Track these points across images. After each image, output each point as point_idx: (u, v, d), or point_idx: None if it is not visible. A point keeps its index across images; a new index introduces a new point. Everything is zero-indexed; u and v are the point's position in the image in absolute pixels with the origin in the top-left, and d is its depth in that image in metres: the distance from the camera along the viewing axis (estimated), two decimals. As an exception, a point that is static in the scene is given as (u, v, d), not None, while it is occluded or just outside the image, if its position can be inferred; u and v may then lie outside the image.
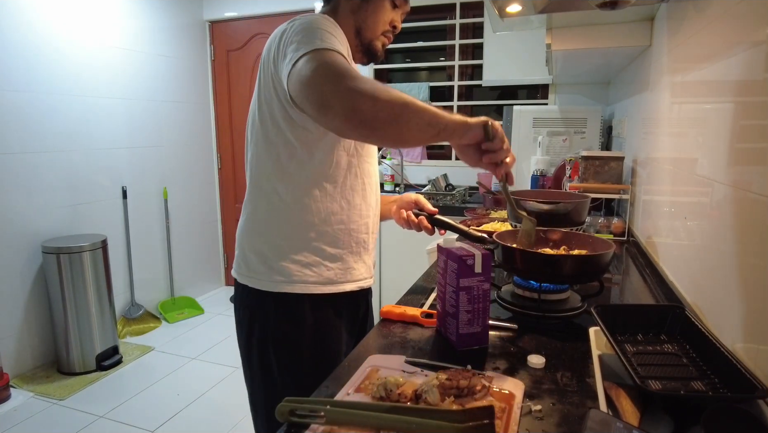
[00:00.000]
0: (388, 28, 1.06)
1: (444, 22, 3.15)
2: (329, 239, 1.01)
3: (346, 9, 1.03)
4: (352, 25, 1.03)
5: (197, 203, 3.71)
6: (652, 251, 1.39)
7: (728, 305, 0.78)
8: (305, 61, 0.81)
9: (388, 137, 0.87)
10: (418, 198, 1.20)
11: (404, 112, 0.77)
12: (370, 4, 1.02)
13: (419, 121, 0.79)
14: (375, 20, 1.03)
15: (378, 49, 1.07)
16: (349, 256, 1.04)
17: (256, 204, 1.02)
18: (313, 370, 0.97)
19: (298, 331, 1.00)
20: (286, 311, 1.00)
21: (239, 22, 3.61)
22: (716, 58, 0.89)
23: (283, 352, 1.00)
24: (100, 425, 2.14)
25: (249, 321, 1.03)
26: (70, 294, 2.52)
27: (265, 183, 1.00)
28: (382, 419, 0.59)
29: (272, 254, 1.00)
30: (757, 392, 0.56)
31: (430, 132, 0.80)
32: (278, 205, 0.99)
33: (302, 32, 0.87)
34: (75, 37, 2.72)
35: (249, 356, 1.05)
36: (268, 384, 1.03)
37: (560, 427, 0.62)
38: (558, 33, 1.66)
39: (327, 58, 0.81)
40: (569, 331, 0.92)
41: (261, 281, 1.00)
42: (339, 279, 1.02)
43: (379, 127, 0.78)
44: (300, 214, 0.99)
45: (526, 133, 2.56)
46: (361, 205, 1.04)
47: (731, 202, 0.78)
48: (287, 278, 0.99)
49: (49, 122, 2.61)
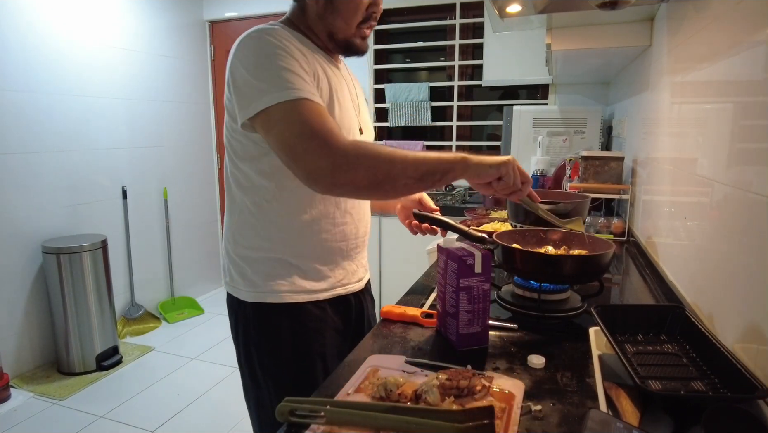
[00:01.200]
0: (366, 14, 0.96)
1: (444, 22, 3.15)
2: (298, 250, 0.99)
3: (313, 14, 0.96)
4: (323, 29, 0.97)
5: (197, 203, 3.71)
6: (652, 251, 1.39)
7: (728, 305, 0.78)
8: (278, 125, 0.81)
9: (375, 197, 0.95)
10: (422, 196, 1.19)
11: (388, 177, 0.80)
12: (335, 3, 0.94)
13: (407, 180, 0.82)
14: (344, 19, 0.95)
15: (357, 45, 0.99)
16: (321, 265, 1.01)
17: (230, 215, 1.02)
18: (294, 375, 0.99)
19: (276, 338, 0.99)
20: (264, 320, 1.00)
21: (239, 22, 3.61)
22: (716, 58, 0.89)
23: (264, 357, 1.01)
24: (100, 425, 2.14)
25: (235, 326, 1.05)
26: (70, 294, 2.52)
27: (236, 194, 1.00)
28: (382, 419, 0.59)
29: (246, 264, 1.00)
30: (757, 392, 0.56)
31: (423, 185, 0.83)
32: (248, 217, 0.98)
33: (259, 70, 0.84)
34: (75, 37, 2.72)
35: (239, 359, 1.07)
36: (255, 386, 1.04)
37: (560, 427, 0.62)
38: (558, 33, 1.66)
39: (302, 121, 0.80)
40: (569, 331, 0.92)
41: (240, 291, 1.01)
42: (312, 288, 1.00)
43: (364, 193, 0.84)
44: (268, 226, 0.97)
45: (526, 133, 2.56)
46: (335, 213, 1.01)
47: (731, 203, 0.78)
48: (260, 289, 0.98)
49: (49, 122, 2.61)
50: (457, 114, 3.20)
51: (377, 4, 0.97)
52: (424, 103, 3.18)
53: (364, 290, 1.14)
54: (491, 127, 3.23)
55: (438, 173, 0.83)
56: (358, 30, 0.97)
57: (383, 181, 0.80)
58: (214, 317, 3.38)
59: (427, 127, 3.28)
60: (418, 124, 3.23)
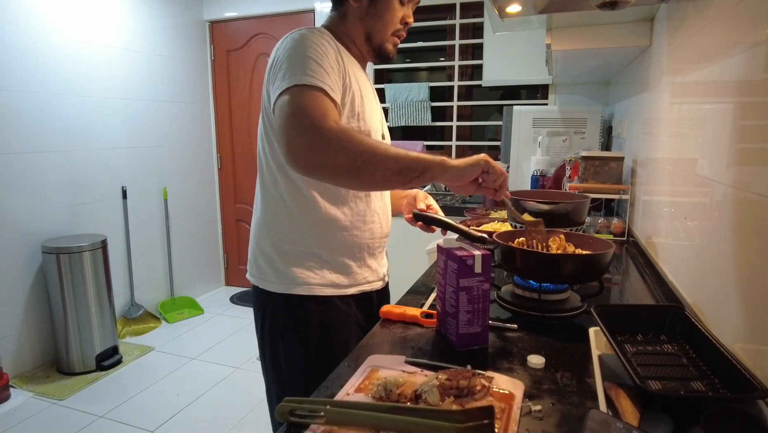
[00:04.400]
0: (400, 26, 1.05)
1: (444, 22, 3.15)
2: (332, 245, 1.03)
3: (355, 16, 1.03)
4: (362, 31, 1.04)
5: (197, 203, 3.71)
6: (652, 251, 1.39)
7: (728, 305, 0.78)
8: (284, 101, 0.86)
9: (351, 186, 0.97)
10: (417, 193, 1.22)
11: (366, 165, 0.82)
12: (378, 8, 1.01)
13: (386, 171, 0.83)
14: (384, 23, 1.03)
15: (389, 50, 1.07)
16: (352, 261, 1.06)
17: (264, 208, 1.05)
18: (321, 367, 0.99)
19: (304, 330, 1.02)
20: (293, 311, 1.02)
21: (239, 22, 3.61)
22: (716, 59, 0.89)
23: (291, 349, 1.04)
24: (100, 425, 2.14)
25: (261, 319, 1.07)
26: (70, 294, 2.52)
27: (271, 188, 1.03)
28: (382, 419, 0.59)
29: (278, 257, 1.03)
30: (757, 392, 0.56)
31: (401, 179, 0.85)
32: (284, 211, 1.02)
33: (290, 58, 0.89)
34: (75, 37, 2.72)
35: (263, 352, 1.09)
36: (279, 378, 1.06)
37: (560, 427, 0.62)
38: (558, 33, 1.66)
39: (302, 101, 0.84)
40: (569, 331, 0.92)
41: (269, 283, 1.04)
42: (342, 283, 1.05)
43: (340, 178, 0.85)
44: (304, 221, 1.01)
45: (526, 133, 2.56)
46: (365, 211, 1.06)
47: (731, 203, 0.78)
48: (292, 281, 1.02)
49: (49, 122, 2.61)
50: (457, 114, 3.20)
51: (410, 17, 1.06)
52: (424, 103, 3.18)
53: (385, 289, 1.19)
54: (492, 128, 3.23)
55: (417, 170, 0.85)
56: (392, 37, 1.06)
57: (361, 168, 0.82)
58: (214, 317, 3.38)
59: (427, 127, 3.28)
60: (418, 124, 3.23)
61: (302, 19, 3.41)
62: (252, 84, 3.66)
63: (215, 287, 3.94)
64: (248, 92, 3.69)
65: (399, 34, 1.06)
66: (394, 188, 0.96)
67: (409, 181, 0.85)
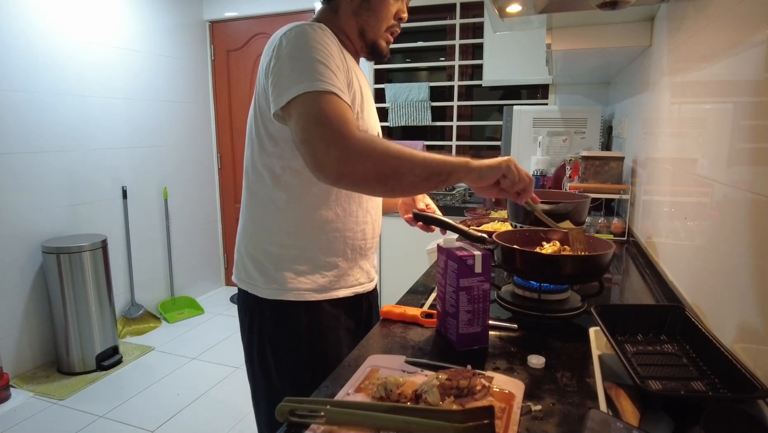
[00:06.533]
0: (393, 21, 1.02)
1: (444, 22, 3.15)
2: (324, 246, 1.00)
3: (348, 10, 1.00)
4: (355, 27, 1.01)
5: (197, 203, 3.71)
6: (652, 251, 1.39)
7: (728, 305, 0.78)
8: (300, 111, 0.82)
9: (380, 193, 0.96)
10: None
11: (396, 173, 0.81)
12: (371, 2, 0.98)
13: (413, 178, 0.82)
14: (378, 19, 1.00)
15: (383, 48, 1.04)
16: (344, 263, 1.03)
17: (251, 211, 1.02)
18: (311, 372, 0.98)
19: (294, 335, 1.00)
20: (282, 317, 1.00)
21: (239, 22, 3.61)
22: (716, 58, 0.89)
23: (281, 355, 1.01)
24: (100, 425, 2.14)
25: (249, 324, 1.04)
26: (70, 294, 2.52)
27: (260, 190, 1.00)
28: (382, 419, 0.59)
29: (267, 261, 1.00)
30: (757, 392, 0.56)
31: (428, 184, 0.84)
32: (273, 213, 0.99)
33: (295, 59, 0.86)
34: (75, 37, 2.72)
35: (250, 357, 1.06)
36: (267, 385, 1.04)
37: (560, 427, 0.62)
38: (558, 33, 1.66)
39: (321, 110, 0.81)
40: (569, 331, 0.92)
41: (257, 288, 1.01)
42: (333, 286, 1.02)
43: (370, 186, 0.83)
44: (294, 222, 0.98)
45: (526, 133, 2.56)
46: (357, 211, 1.03)
47: (731, 203, 0.78)
48: (281, 286, 0.99)
49: (49, 122, 2.61)
50: (457, 114, 3.20)
51: (404, 12, 1.03)
52: (424, 103, 3.18)
53: (374, 291, 1.17)
54: (491, 126, 3.23)
55: (443, 174, 0.84)
56: (385, 33, 1.03)
57: (390, 176, 0.81)
58: (214, 317, 3.38)
59: (427, 127, 3.28)
60: (418, 124, 3.23)
61: (302, 19, 3.37)
62: (252, 84, 3.66)
63: (215, 286, 3.94)
64: (248, 92, 3.68)
65: (393, 30, 1.04)
66: (421, 193, 0.94)
67: (435, 186, 0.84)
